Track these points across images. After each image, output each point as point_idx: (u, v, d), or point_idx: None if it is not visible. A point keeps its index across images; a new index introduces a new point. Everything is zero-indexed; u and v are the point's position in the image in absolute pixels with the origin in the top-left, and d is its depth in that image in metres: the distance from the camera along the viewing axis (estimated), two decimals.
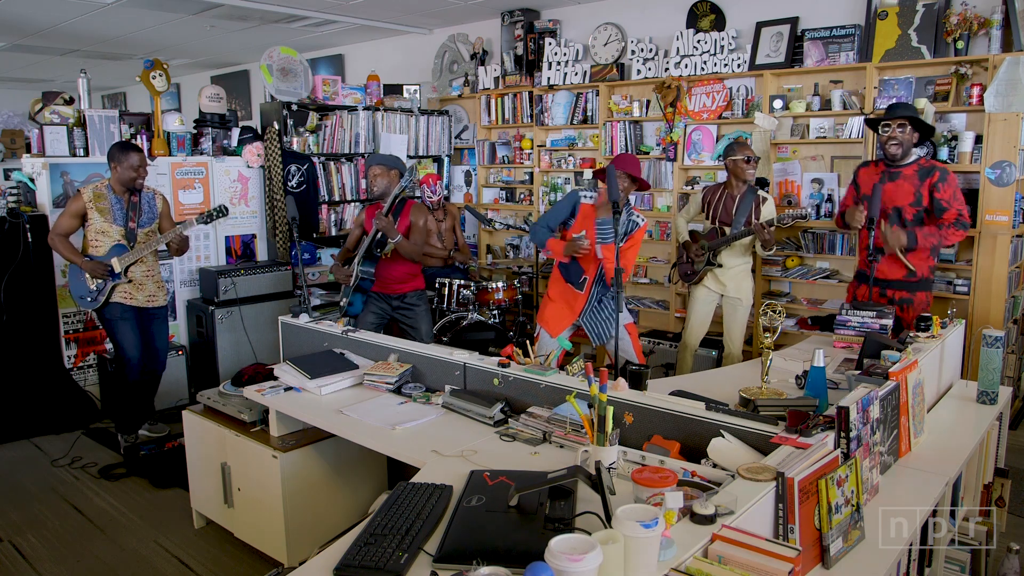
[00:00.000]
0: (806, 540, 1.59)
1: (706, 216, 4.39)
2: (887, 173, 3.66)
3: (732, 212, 4.21)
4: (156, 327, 4.23)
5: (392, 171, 4.13)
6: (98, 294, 4.01)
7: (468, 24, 6.83)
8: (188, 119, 5.33)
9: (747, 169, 4.16)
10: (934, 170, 3.57)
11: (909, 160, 3.64)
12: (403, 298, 4.22)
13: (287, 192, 5.33)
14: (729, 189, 4.27)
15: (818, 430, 1.85)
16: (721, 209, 4.28)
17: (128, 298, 4.06)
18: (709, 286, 4.34)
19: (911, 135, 3.58)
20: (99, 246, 4.00)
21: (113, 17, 6.49)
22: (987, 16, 4.19)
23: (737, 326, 4.36)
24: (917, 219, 3.62)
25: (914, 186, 3.59)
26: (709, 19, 5.33)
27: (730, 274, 4.28)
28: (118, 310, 4.05)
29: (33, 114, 4.80)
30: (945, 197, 3.54)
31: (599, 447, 1.90)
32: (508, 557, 1.50)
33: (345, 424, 2.61)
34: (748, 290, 4.35)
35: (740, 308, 4.33)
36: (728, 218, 4.23)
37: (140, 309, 4.13)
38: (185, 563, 3.06)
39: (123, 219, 4.02)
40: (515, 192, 6.54)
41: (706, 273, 4.32)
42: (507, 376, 2.61)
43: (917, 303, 3.67)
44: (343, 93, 5.83)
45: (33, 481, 3.89)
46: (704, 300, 4.38)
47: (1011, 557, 2.51)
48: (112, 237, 4.00)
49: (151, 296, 4.15)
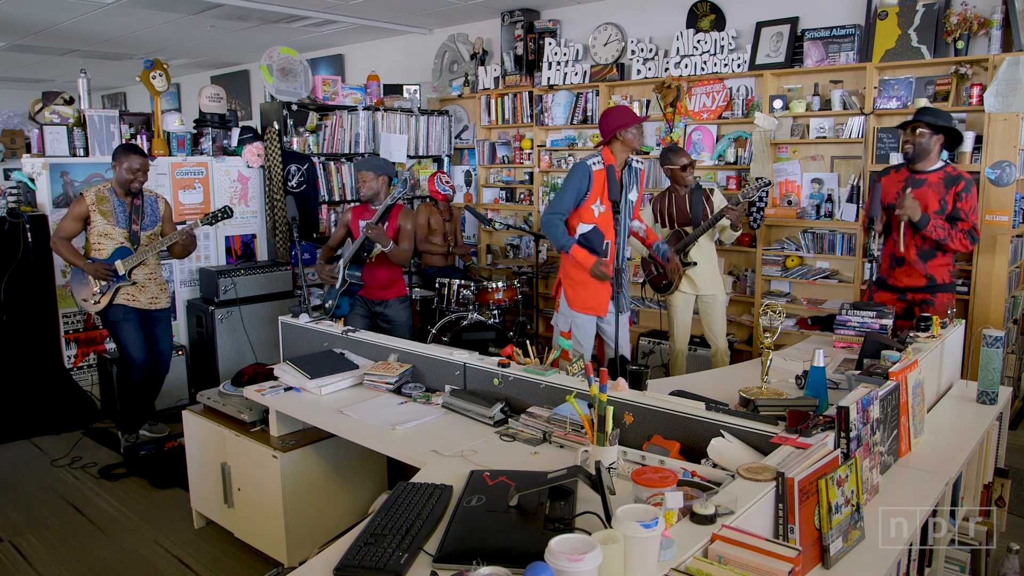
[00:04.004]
0: (806, 540, 1.59)
1: (661, 224, 4.43)
2: (911, 179, 3.58)
3: (687, 212, 4.29)
4: (160, 330, 4.24)
5: (381, 176, 4.17)
6: (101, 296, 4.01)
7: (468, 24, 6.83)
8: (188, 119, 5.33)
9: (686, 176, 4.29)
10: (960, 179, 3.50)
11: (934, 166, 3.56)
12: (385, 305, 4.26)
13: (287, 192, 5.33)
14: (675, 192, 4.37)
15: (818, 430, 1.85)
16: (676, 212, 4.35)
17: (131, 300, 4.06)
18: (684, 290, 4.37)
19: (930, 139, 3.50)
20: (102, 249, 3.99)
21: (113, 17, 6.49)
22: (987, 16, 4.19)
23: (717, 321, 4.39)
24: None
25: (939, 194, 3.51)
26: (709, 19, 5.33)
27: (702, 271, 4.30)
28: (121, 311, 4.05)
29: (33, 114, 4.80)
30: (966, 208, 3.48)
31: (599, 447, 1.90)
32: (508, 557, 1.50)
33: (345, 424, 2.61)
34: (720, 283, 4.41)
35: (717, 303, 4.37)
36: (685, 218, 4.31)
37: (143, 311, 4.13)
38: (185, 563, 3.06)
39: (126, 222, 4.01)
40: (515, 192, 6.54)
41: (681, 278, 4.34)
42: (507, 376, 2.61)
43: (938, 304, 3.57)
44: (343, 93, 5.83)
45: (33, 481, 3.89)
46: (683, 305, 4.41)
47: (1011, 557, 2.51)
48: (115, 240, 4.00)
49: (154, 298, 4.15)
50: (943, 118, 3.54)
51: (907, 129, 3.56)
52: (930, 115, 3.54)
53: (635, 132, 3.60)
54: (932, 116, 3.53)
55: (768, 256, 4.95)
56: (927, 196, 3.54)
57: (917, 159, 3.56)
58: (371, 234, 4.00)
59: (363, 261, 4.16)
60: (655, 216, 4.45)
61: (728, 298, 4.45)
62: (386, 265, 4.19)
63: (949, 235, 3.49)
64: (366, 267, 4.16)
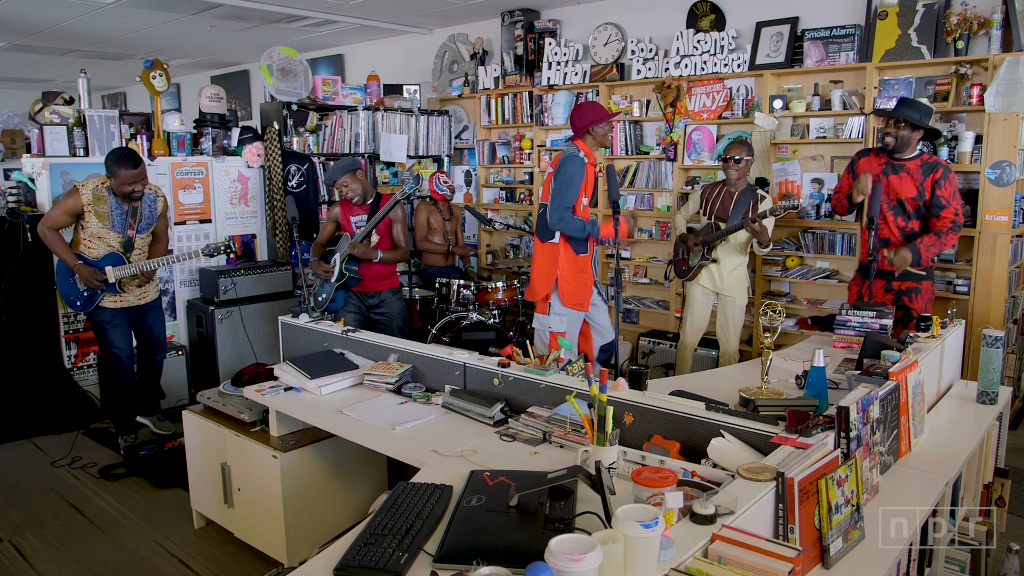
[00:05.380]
0: (806, 540, 1.59)
1: (704, 213, 4.40)
2: (889, 165, 3.70)
3: (729, 209, 4.25)
4: (152, 319, 4.19)
5: (357, 172, 4.25)
6: (89, 302, 3.97)
7: (468, 24, 6.83)
8: (188, 119, 5.33)
9: (727, 168, 4.23)
10: (938, 166, 3.63)
11: (912, 154, 3.68)
12: (378, 297, 4.32)
13: (287, 192, 5.33)
14: (728, 187, 4.31)
15: (818, 430, 1.85)
16: (719, 206, 4.31)
17: (118, 302, 4.02)
18: (705, 284, 4.35)
19: (911, 132, 3.62)
20: (92, 249, 3.90)
21: (113, 17, 6.49)
22: (987, 16, 4.19)
23: (732, 324, 4.37)
24: (918, 212, 3.68)
25: (917, 180, 3.64)
26: (709, 19, 5.33)
27: (726, 271, 4.29)
28: (108, 314, 4.01)
29: (33, 114, 4.80)
30: (945, 195, 3.59)
31: (599, 447, 1.90)
32: (508, 557, 1.50)
33: (345, 424, 2.61)
34: (744, 289, 4.36)
35: (735, 307, 4.34)
36: (725, 214, 4.26)
37: (132, 308, 4.09)
38: (185, 563, 3.06)
39: (122, 225, 3.91)
40: (515, 192, 6.54)
41: (701, 269, 4.33)
42: (507, 376, 2.61)
43: (924, 291, 3.71)
44: (343, 93, 5.83)
45: (33, 481, 3.89)
46: (701, 298, 4.39)
47: (1011, 557, 2.51)
48: (108, 244, 3.91)
49: (142, 294, 4.12)
50: (923, 111, 3.63)
51: (889, 122, 3.66)
52: (911, 109, 3.62)
53: (606, 128, 3.73)
54: (913, 110, 3.61)
55: (768, 256, 4.95)
56: (905, 183, 3.66)
57: (897, 152, 3.68)
58: (358, 253, 4.09)
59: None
60: (701, 202, 4.41)
61: (745, 307, 4.39)
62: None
63: (941, 244, 3.64)
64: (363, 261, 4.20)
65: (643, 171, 5.61)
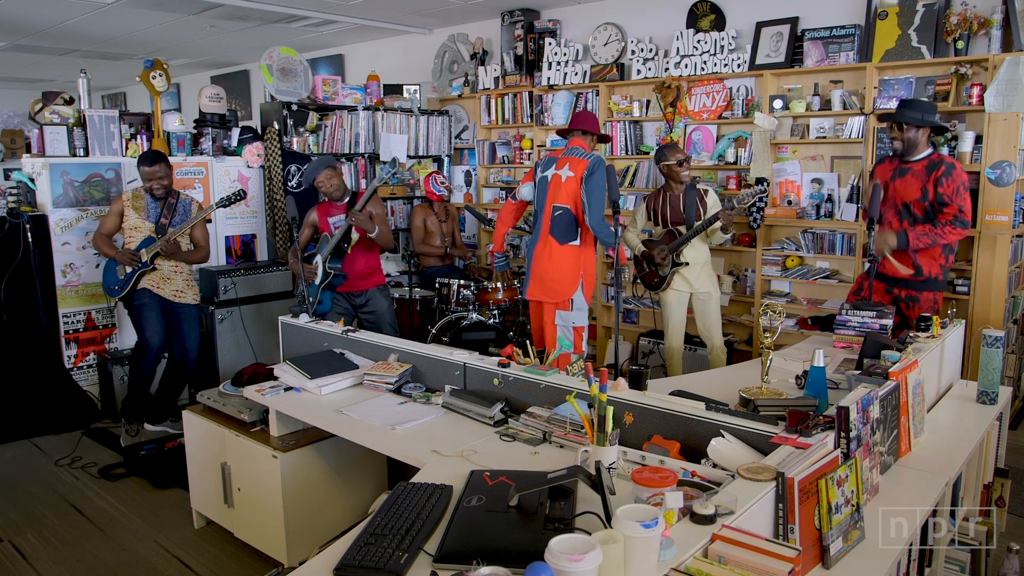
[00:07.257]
0: (806, 540, 1.59)
1: (654, 223, 4.44)
2: (899, 168, 3.68)
3: (681, 211, 4.30)
4: (186, 325, 4.35)
5: (336, 168, 4.31)
6: (126, 283, 4.19)
7: (468, 24, 6.83)
8: (188, 119, 5.33)
9: (681, 172, 4.30)
10: (940, 164, 3.54)
11: (921, 154, 3.63)
12: (364, 296, 4.35)
13: (287, 192, 5.33)
14: (669, 191, 4.38)
15: (818, 430, 1.85)
16: (669, 211, 4.36)
17: (155, 287, 4.23)
18: (678, 288, 4.37)
19: (917, 132, 3.57)
20: (132, 241, 4.22)
21: (113, 17, 6.49)
22: (987, 16, 4.19)
23: (713, 320, 4.39)
24: (925, 214, 3.59)
25: (921, 181, 3.57)
26: (709, 19, 5.33)
27: (696, 270, 4.31)
28: (145, 295, 4.22)
29: (33, 114, 4.80)
30: (947, 192, 3.49)
31: (599, 447, 1.89)
32: (508, 557, 1.50)
33: (345, 424, 2.61)
34: (714, 282, 4.41)
35: (711, 301, 4.37)
36: (679, 218, 4.32)
37: (167, 302, 4.28)
38: (185, 563, 3.06)
39: (156, 216, 4.23)
40: (515, 192, 6.52)
41: (673, 275, 4.35)
42: (507, 376, 2.61)
43: (923, 301, 3.63)
44: (343, 93, 5.83)
45: (33, 481, 3.89)
46: (676, 303, 4.41)
47: (1011, 557, 2.51)
48: (143, 232, 4.21)
49: (178, 291, 4.30)
50: (925, 110, 3.58)
51: (893, 127, 3.62)
52: (911, 109, 3.57)
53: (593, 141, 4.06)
54: (913, 110, 3.56)
55: (768, 256, 4.95)
56: (910, 185, 3.61)
57: (907, 154, 3.64)
58: (355, 220, 4.07)
59: (343, 252, 4.21)
60: (648, 214, 4.46)
61: (723, 296, 4.44)
62: (365, 254, 4.29)
63: (936, 235, 3.51)
64: (346, 258, 4.22)
65: (643, 171, 5.61)
